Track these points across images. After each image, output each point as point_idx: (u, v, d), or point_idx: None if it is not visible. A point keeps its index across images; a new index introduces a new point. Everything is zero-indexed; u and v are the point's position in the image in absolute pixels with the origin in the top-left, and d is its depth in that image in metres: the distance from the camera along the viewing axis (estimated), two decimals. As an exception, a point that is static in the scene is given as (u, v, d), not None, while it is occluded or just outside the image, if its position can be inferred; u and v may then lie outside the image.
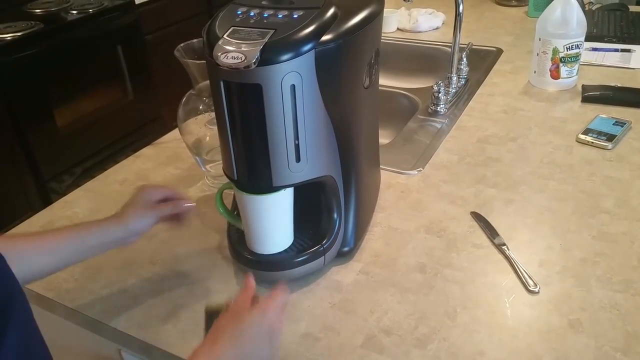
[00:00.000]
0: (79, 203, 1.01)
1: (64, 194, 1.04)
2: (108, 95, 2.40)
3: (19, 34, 2.04)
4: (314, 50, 0.63)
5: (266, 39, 0.61)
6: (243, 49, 0.60)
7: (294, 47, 0.61)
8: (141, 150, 1.17)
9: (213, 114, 0.97)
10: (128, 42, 2.43)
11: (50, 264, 0.70)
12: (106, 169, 1.12)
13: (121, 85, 2.47)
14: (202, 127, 0.98)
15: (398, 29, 1.82)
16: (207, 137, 0.98)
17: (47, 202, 2.10)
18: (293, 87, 0.63)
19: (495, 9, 1.98)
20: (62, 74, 2.19)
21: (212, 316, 0.65)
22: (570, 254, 0.83)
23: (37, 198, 2.16)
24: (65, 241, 0.70)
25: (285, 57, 0.61)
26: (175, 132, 1.20)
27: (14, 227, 0.95)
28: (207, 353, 0.58)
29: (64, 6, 2.37)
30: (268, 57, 0.60)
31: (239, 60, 0.59)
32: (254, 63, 0.59)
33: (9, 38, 2.01)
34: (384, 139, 1.15)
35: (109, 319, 0.76)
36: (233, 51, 0.60)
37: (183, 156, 1.14)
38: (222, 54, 0.60)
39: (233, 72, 0.61)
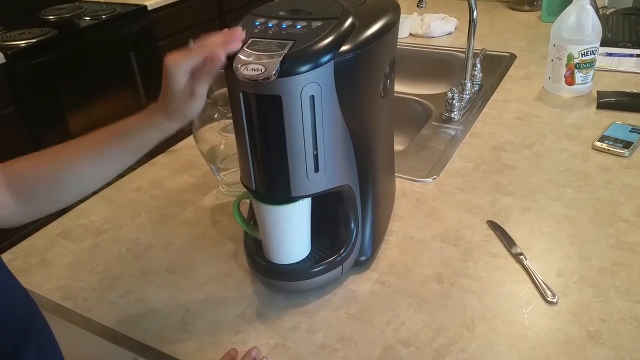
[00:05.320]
0: (95, 211, 1.02)
1: (75, 199, 1.05)
2: (121, 101, 2.41)
3: (33, 40, 2.06)
4: (333, 60, 0.63)
5: (285, 50, 0.61)
6: (263, 60, 0.60)
7: (314, 58, 0.61)
8: (156, 158, 1.18)
9: (227, 121, 0.98)
10: (141, 48, 2.45)
11: (102, 174, 0.71)
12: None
13: (134, 90, 2.48)
14: (216, 135, 0.98)
15: (410, 34, 1.82)
16: (222, 145, 0.98)
17: (60, 207, 2.11)
18: (312, 97, 0.63)
19: (508, 14, 1.97)
20: (75, 80, 2.20)
21: None
22: (589, 263, 0.82)
23: (50, 203, 2.17)
24: (113, 150, 0.70)
25: (305, 68, 0.60)
26: (189, 140, 1.20)
27: (27, 231, 0.95)
28: None
29: (77, 12, 2.40)
30: (288, 68, 0.60)
31: (259, 72, 0.59)
32: (274, 75, 0.59)
33: (23, 45, 2.03)
34: (397, 145, 1.15)
35: (126, 328, 0.76)
36: (253, 63, 0.60)
37: (197, 164, 1.14)
38: (242, 66, 0.60)
39: (252, 84, 0.61)
